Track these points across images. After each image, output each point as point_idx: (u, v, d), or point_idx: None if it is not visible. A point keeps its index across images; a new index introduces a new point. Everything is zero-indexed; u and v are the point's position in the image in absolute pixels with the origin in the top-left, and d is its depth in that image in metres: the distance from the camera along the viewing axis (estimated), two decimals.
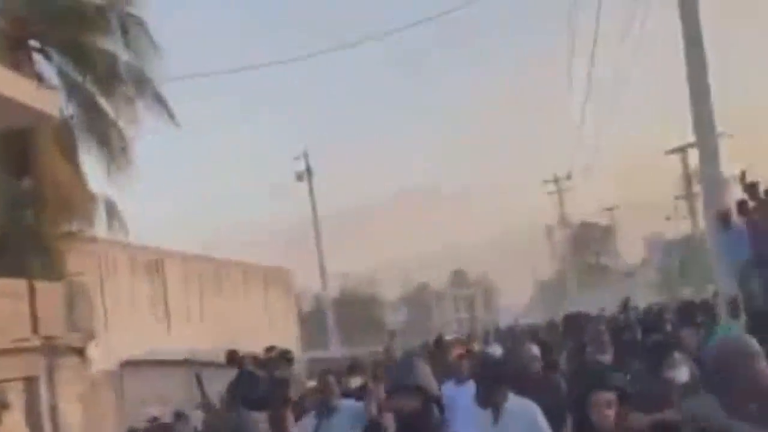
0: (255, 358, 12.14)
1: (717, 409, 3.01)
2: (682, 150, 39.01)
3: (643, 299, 35.39)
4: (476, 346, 13.98)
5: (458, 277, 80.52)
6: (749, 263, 12.86)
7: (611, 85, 35.10)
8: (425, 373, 3.62)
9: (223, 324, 20.62)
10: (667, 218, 41.43)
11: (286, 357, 11.98)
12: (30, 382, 9.67)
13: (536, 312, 60.65)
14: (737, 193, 14.46)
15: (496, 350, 10.07)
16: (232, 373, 12.46)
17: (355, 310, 54.62)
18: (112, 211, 15.82)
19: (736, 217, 13.46)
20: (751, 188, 13.16)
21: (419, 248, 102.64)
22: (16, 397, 10.00)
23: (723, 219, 13.52)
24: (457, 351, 10.20)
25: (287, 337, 27.35)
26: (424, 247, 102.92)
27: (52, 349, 9.73)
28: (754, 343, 3.16)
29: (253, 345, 21.96)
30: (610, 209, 59.25)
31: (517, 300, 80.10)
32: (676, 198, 40.44)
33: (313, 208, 35.31)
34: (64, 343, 10.19)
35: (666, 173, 39.93)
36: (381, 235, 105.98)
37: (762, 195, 12.78)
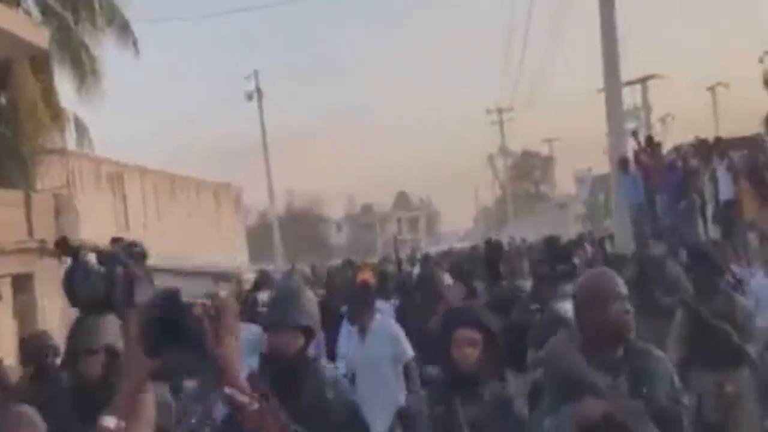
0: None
1: (572, 352, 2.83)
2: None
3: (574, 229, 38.09)
4: (391, 268, 14.80)
5: (402, 200, 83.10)
6: (642, 206, 15.19)
7: (554, 21, 36.50)
8: (311, 310, 3.38)
9: (177, 235, 22.54)
10: (604, 152, 43.93)
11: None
12: (27, 278, 11.62)
13: (478, 237, 63.60)
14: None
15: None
16: (189, 282, 14.10)
17: (300, 227, 56.71)
18: (80, 127, 17.49)
19: (633, 164, 15.78)
20: (647, 140, 15.53)
21: (364, 171, 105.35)
22: (6, 292, 11.99)
23: (622, 165, 15.85)
24: (363, 275, 10.87)
25: (235, 249, 29.44)
26: (370, 170, 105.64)
27: (44, 251, 11.63)
28: (614, 282, 2.98)
29: (203, 256, 24.03)
30: (549, 140, 61.89)
31: (459, 225, 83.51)
32: (607, 135, 42.97)
33: (263, 128, 36.81)
34: (53, 247, 12.06)
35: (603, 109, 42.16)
36: (327, 157, 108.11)
37: (653, 147, 15.12)
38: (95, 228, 18.79)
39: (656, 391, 2.84)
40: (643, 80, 42.51)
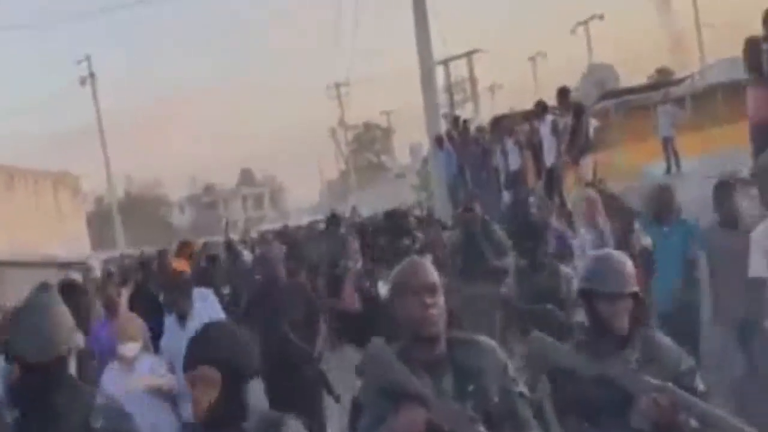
0: None
1: (389, 355, 2.58)
2: (445, 63, 44.29)
3: (411, 199, 40.64)
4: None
5: (246, 177, 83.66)
6: (456, 176, 17.48)
7: None
8: (57, 329, 2.87)
9: (19, 227, 22.95)
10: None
11: None
12: None
13: (324, 210, 65.36)
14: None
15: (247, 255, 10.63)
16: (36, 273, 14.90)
17: (141, 211, 56.50)
18: None
19: (447, 142, 18.07)
20: (455, 120, 17.88)
21: (205, 150, 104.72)
22: None
23: (437, 141, 18.12)
24: (176, 264, 9.85)
25: (77, 237, 29.80)
26: (211, 149, 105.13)
27: None
28: (417, 273, 2.65)
29: (46, 246, 24.46)
30: (387, 113, 64.64)
31: (305, 199, 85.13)
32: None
33: (98, 113, 36.83)
34: None
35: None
36: (166, 138, 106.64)
37: (461, 126, 17.46)
38: None
39: (485, 386, 2.59)
40: (468, 54, 45.62)
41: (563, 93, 11.75)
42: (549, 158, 11.98)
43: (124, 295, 9.39)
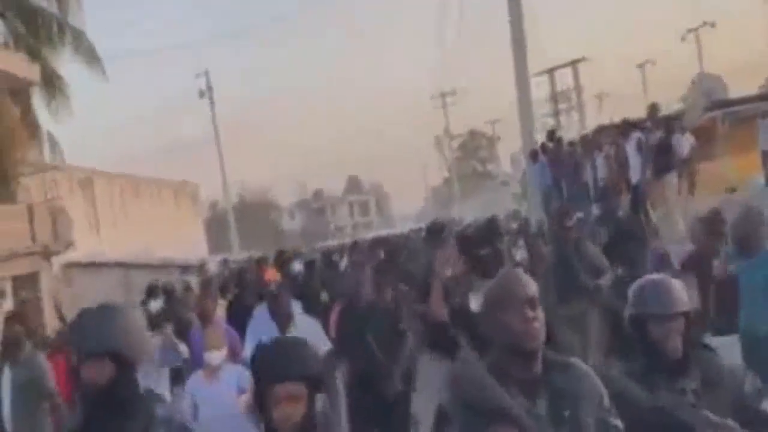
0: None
1: (482, 371, 2.43)
2: (550, 71, 44.62)
3: (513, 207, 41.09)
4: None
5: (353, 184, 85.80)
6: (550, 188, 18.12)
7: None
8: (123, 332, 2.85)
9: (142, 231, 25.05)
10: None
11: None
12: (31, 277, 14.17)
13: (428, 217, 66.40)
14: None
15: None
16: (158, 275, 16.46)
17: (253, 216, 59.14)
18: (53, 142, 19.92)
19: (541, 155, 18.72)
20: (550, 134, 18.54)
21: (314, 157, 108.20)
22: (8, 290, 14.51)
23: (532, 155, 18.80)
24: (268, 275, 10.62)
25: (196, 241, 31.95)
26: (320, 156, 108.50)
27: (46, 254, 14.17)
28: (516, 285, 2.52)
29: (167, 250, 26.48)
30: (492, 122, 65.15)
31: (410, 205, 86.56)
32: (544, 116, 46.32)
33: (214, 125, 39.12)
34: (53, 250, 14.65)
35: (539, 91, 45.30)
36: (276, 144, 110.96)
37: (555, 140, 18.09)
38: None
39: (581, 413, 2.48)
40: (574, 63, 45.72)
41: (653, 109, 12.28)
42: (634, 175, 12.55)
43: (222, 304, 9.53)
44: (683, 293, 3.12)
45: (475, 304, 4.85)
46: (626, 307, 3.22)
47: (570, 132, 43.51)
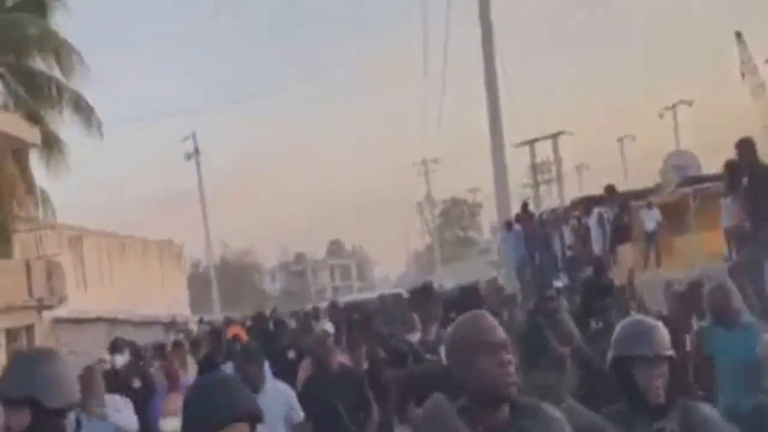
0: None
1: (451, 414, 2.41)
2: (531, 143, 46.19)
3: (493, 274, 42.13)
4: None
5: (335, 247, 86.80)
6: (524, 257, 19.21)
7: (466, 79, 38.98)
8: (42, 378, 2.81)
9: (128, 289, 25.81)
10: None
11: None
12: (27, 330, 14.97)
13: (409, 282, 67.33)
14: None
15: (328, 328, 10.52)
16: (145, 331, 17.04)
17: (235, 277, 59.84)
18: (45, 198, 20.86)
19: (515, 224, 19.87)
20: (524, 207, 19.73)
21: (297, 220, 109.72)
22: (2, 342, 15.24)
23: (507, 226, 19.96)
24: (232, 331, 10.62)
25: (179, 300, 32.63)
26: (302, 219, 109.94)
27: (41, 308, 14.99)
28: (485, 328, 2.49)
29: (152, 307, 27.20)
30: (473, 190, 66.75)
31: (392, 270, 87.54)
32: (524, 186, 47.86)
33: (200, 187, 40.24)
34: (47, 304, 15.47)
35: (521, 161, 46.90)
36: (259, 207, 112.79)
37: (528, 212, 19.28)
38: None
39: None
40: (554, 136, 47.36)
41: (609, 190, 13.46)
42: (596, 247, 13.66)
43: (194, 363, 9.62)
44: (667, 337, 3.11)
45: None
46: (610, 349, 3.22)
47: (550, 202, 45.11)
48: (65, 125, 20.85)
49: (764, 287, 7.89)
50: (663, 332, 3.12)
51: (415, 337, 8.04)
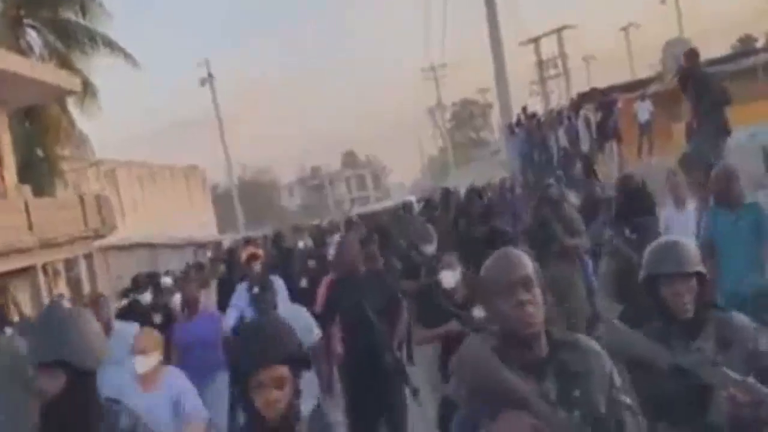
0: None
1: (488, 354, 2.38)
2: (535, 41, 47.22)
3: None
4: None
5: (349, 159, 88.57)
6: (526, 157, 21.01)
7: None
8: (73, 340, 2.83)
9: (159, 214, 28.07)
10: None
11: None
12: (86, 257, 17.18)
13: (425, 187, 68.93)
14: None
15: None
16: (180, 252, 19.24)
17: (255, 195, 62.04)
18: (84, 138, 22.86)
19: (517, 128, 21.60)
20: (524, 110, 21.44)
21: (311, 134, 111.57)
22: (62, 271, 17.46)
23: (509, 128, 21.71)
24: (246, 252, 10.23)
25: (206, 221, 34.94)
26: (316, 133, 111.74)
27: (96, 237, 17.13)
28: (509, 268, 2.44)
29: (183, 230, 29.46)
30: (483, 90, 67.78)
31: (407, 176, 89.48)
32: (531, 83, 49.13)
33: (216, 112, 41.82)
34: (102, 233, 17.63)
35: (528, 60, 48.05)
36: (272, 124, 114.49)
37: (527, 115, 20.98)
38: None
39: (591, 394, 2.42)
40: (558, 30, 48.22)
41: (594, 93, 15.15)
42: (584, 146, 15.49)
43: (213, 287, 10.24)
44: (696, 255, 3.19)
45: (445, 282, 5.32)
46: (641, 269, 3.28)
47: (558, 98, 46.38)
48: (96, 69, 22.63)
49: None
50: (689, 249, 3.19)
51: (431, 248, 8.05)
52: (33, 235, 14.44)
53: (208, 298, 9.59)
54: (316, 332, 6.32)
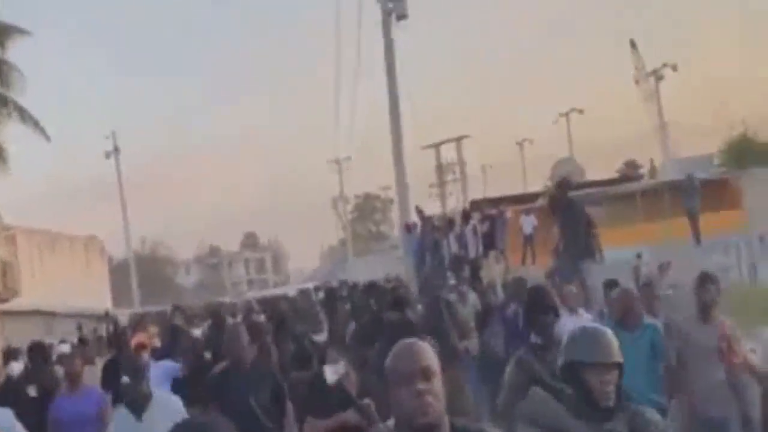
0: None
1: None
2: (436, 146, 49.88)
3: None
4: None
5: (249, 239, 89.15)
6: (420, 258, 22.54)
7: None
8: None
9: (58, 282, 28.28)
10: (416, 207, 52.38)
11: None
12: None
13: (323, 275, 69.95)
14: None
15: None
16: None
17: (151, 270, 61.73)
18: None
19: (414, 227, 23.19)
20: (419, 212, 23.15)
21: (212, 211, 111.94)
22: None
23: (406, 228, 23.31)
24: (135, 340, 9.48)
25: (102, 293, 34.99)
26: (216, 210, 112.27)
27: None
28: (406, 360, 2.53)
29: (77, 301, 29.60)
30: (385, 188, 70.23)
31: (306, 263, 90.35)
32: (430, 186, 51.65)
33: (120, 184, 42.29)
34: (3, 297, 18.08)
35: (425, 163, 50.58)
36: (174, 200, 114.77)
37: (422, 216, 22.64)
38: None
39: None
40: (458, 139, 51.11)
41: (480, 204, 16.87)
42: (471, 252, 17.14)
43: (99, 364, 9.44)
44: (616, 344, 3.27)
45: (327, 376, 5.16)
46: (563, 352, 3.34)
47: (455, 202, 48.87)
48: (7, 134, 23.25)
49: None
50: (613, 339, 3.29)
51: (322, 337, 8.24)
52: None
53: (94, 374, 8.86)
54: None
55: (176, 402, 5.67)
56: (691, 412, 5.81)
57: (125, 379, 5.49)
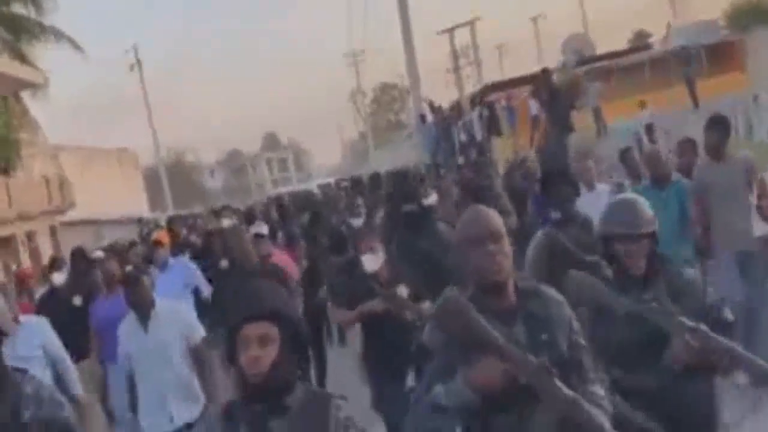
0: None
1: (465, 304, 2.56)
2: (450, 31, 50.91)
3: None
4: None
5: (270, 141, 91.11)
6: (436, 144, 24.72)
7: None
8: None
9: (99, 193, 30.90)
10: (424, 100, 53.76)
11: None
12: (51, 230, 20.12)
13: (345, 170, 71.72)
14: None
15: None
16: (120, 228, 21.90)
17: (180, 176, 64.40)
18: (35, 124, 25.55)
19: (428, 117, 25.30)
20: (431, 104, 25.19)
21: (231, 114, 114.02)
22: (25, 242, 20.31)
23: (421, 118, 25.42)
24: (154, 237, 9.64)
25: (139, 201, 37.71)
26: (236, 112, 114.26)
27: (57, 213, 20.04)
28: (480, 222, 2.71)
29: (119, 208, 32.23)
30: (402, 76, 71.30)
31: (328, 159, 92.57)
32: (447, 71, 52.92)
33: (145, 96, 44.29)
34: (61, 209, 20.48)
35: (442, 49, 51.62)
36: (195, 105, 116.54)
37: (434, 108, 24.71)
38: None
39: (556, 338, 2.69)
40: (471, 22, 51.92)
41: (488, 90, 18.79)
42: (478, 136, 19.27)
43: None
44: (649, 214, 3.39)
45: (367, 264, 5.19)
46: (598, 224, 3.52)
47: (472, 86, 50.13)
48: (44, 56, 25.35)
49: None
50: (643, 210, 3.38)
51: (359, 221, 8.59)
52: (12, 210, 17.38)
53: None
54: (200, 335, 5.58)
55: (182, 309, 5.82)
56: (716, 250, 6.10)
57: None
